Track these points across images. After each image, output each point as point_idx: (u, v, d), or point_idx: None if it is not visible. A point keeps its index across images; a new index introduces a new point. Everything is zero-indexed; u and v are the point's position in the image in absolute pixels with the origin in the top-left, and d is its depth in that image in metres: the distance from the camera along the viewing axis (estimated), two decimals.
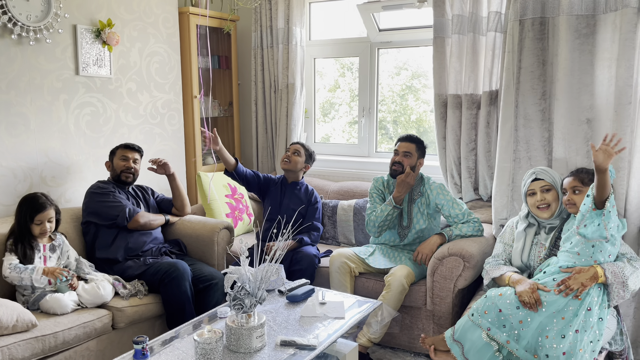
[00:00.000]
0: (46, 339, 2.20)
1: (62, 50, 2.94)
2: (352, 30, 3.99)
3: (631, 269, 2.09)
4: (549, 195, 2.31)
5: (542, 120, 2.70)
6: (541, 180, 2.33)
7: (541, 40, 2.65)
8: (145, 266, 2.72)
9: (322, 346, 2.02)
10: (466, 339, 2.16)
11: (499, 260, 2.43)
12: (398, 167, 2.88)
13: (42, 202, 2.50)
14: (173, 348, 2.01)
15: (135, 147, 2.94)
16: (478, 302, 2.19)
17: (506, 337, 2.06)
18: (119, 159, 2.89)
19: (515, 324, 2.05)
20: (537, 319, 2.02)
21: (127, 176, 2.89)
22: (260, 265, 2.02)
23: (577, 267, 2.08)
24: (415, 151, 2.88)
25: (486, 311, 2.12)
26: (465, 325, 2.18)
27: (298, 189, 3.24)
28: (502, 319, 2.08)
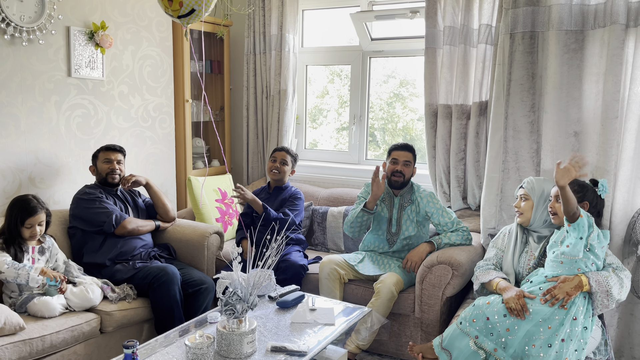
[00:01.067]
0: (34, 342, 2.18)
1: (55, 52, 2.93)
2: (343, 38, 4.03)
3: (616, 279, 2.14)
4: (524, 203, 2.41)
5: (530, 132, 2.76)
6: (522, 189, 2.44)
7: (531, 54, 2.70)
8: (134, 270, 2.71)
9: (312, 352, 2.03)
10: (454, 347, 2.19)
11: (489, 264, 2.46)
12: (399, 177, 2.88)
13: (33, 205, 2.48)
14: (163, 353, 2.00)
15: (116, 148, 2.91)
16: (466, 311, 2.22)
17: (493, 345, 2.09)
18: (102, 162, 2.88)
19: (502, 332, 2.08)
20: (524, 327, 2.06)
21: (112, 178, 2.88)
22: (253, 271, 2.03)
23: (562, 276, 2.13)
24: (413, 159, 2.93)
25: (474, 319, 2.15)
26: (454, 334, 2.21)
27: (283, 193, 3.28)
28: (489, 327, 2.12)
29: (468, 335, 2.15)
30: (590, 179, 2.37)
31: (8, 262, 2.35)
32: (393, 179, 2.90)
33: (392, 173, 2.90)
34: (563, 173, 2.04)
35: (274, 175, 3.25)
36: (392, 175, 2.91)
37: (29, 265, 2.37)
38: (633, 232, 2.47)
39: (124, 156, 2.96)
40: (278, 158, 3.26)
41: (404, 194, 2.96)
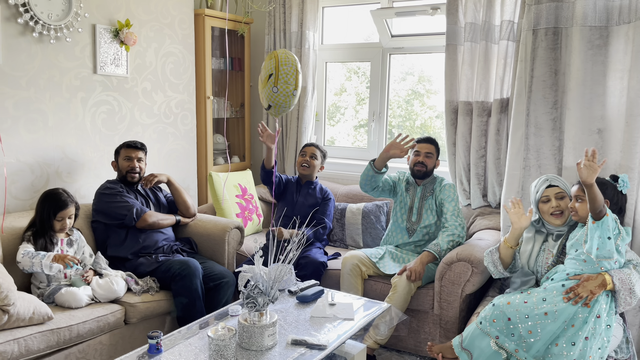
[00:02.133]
0: (61, 332, 2.25)
1: (81, 49, 2.99)
2: (360, 35, 4.03)
3: (637, 276, 2.12)
4: (562, 202, 2.34)
5: (553, 129, 2.73)
6: (556, 187, 2.36)
7: (554, 50, 2.68)
8: (157, 263, 2.76)
9: (332, 346, 2.05)
10: (474, 347, 2.18)
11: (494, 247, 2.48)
12: (421, 168, 2.97)
13: (64, 199, 2.55)
14: (186, 344, 2.04)
15: (137, 145, 2.94)
16: (486, 310, 2.21)
17: (515, 346, 2.08)
18: (123, 159, 2.92)
19: (524, 333, 2.07)
20: (547, 328, 2.04)
21: (132, 176, 2.92)
22: (274, 265, 2.06)
23: (586, 274, 2.11)
24: (435, 152, 3.00)
25: (494, 319, 2.14)
26: (474, 333, 2.20)
27: (312, 188, 3.32)
28: (510, 327, 2.10)
29: (489, 336, 2.14)
30: (611, 175, 2.34)
31: (24, 252, 2.41)
32: (416, 169, 2.99)
33: (415, 164, 2.98)
34: (588, 171, 2.01)
35: (303, 170, 3.30)
36: (415, 166, 2.98)
37: (42, 254, 2.42)
38: None
39: (145, 153, 3.00)
40: (308, 152, 3.31)
41: (426, 184, 3.02)
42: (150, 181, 2.98)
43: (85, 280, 2.51)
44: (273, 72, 2.79)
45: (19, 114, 2.76)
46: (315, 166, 3.31)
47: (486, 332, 2.15)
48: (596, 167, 2.01)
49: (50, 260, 2.40)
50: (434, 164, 3.00)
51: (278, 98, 2.80)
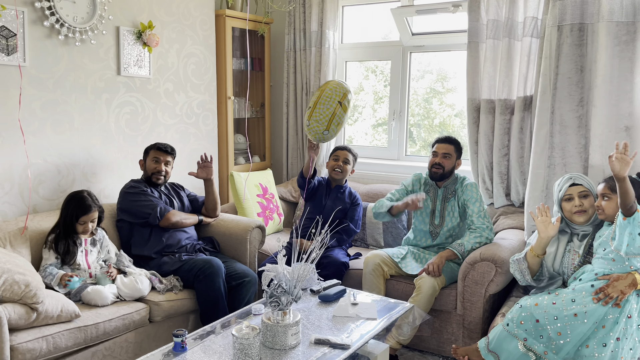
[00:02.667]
0: (88, 329, 2.28)
1: (106, 51, 3.04)
2: (378, 34, 4.01)
3: None
4: (586, 201, 2.31)
5: (578, 126, 2.69)
6: (579, 186, 2.33)
7: (580, 47, 2.63)
8: (181, 262, 2.79)
9: (355, 346, 2.05)
10: (502, 349, 2.15)
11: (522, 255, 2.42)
12: (439, 169, 2.90)
13: (88, 204, 2.58)
14: (210, 342, 2.06)
15: (167, 150, 2.96)
16: (513, 312, 2.17)
17: (544, 348, 2.05)
18: (151, 160, 2.95)
19: (553, 335, 2.04)
20: (578, 329, 2.00)
21: (157, 178, 2.95)
22: (297, 264, 2.06)
23: (615, 274, 2.07)
24: (454, 152, 2.92)
25: (522, 321, 2.11)
26: (501, 336, 2.17)
27: (342, 192, 3.25)
28: (539, 329, 2.07)
29: (516, 338, 2.11)
30: (637, 173, 2.29)
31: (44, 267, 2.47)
32: (432, 171, 2.92)
33: (432, 165, 2.92)
34: (620, 164, 1.97)
35: (336, 175, 3.20)
36: (432, 167, 2.92)
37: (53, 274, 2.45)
38: None
39: (174, 158, 3.01)
40: (341, 157, 3.20)
41: (447, 186, 2.96)
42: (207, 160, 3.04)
43: (110, 277, 2.55)
44: (311, 106, 2.89)
45: (45, 115, 2.82)
46: (347, 171, 3.20)
47: (514, 334, 2.12)
48: (628, 160, 1.98)
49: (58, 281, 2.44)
50: (452, 165, 2.91)
51: (310, 131, 2.92)
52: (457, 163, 2.94)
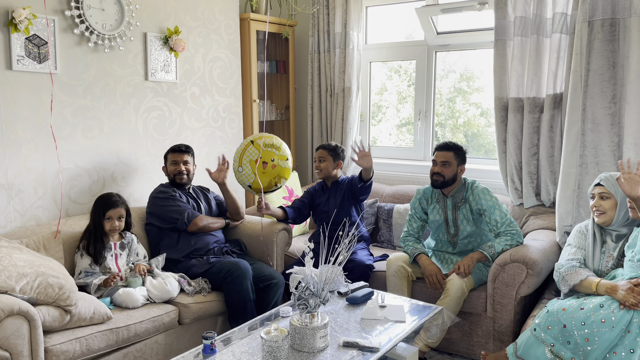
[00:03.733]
0: (120, 331, 2.32)
1: (134, 57, 3.09)
2: (401, 34, 3.98)
3: None
4: (605, 203, 2.27)
5: (611, 124, 2.62)
6: (601, 187, 2.29)
7: (611, 42, 2.57)
8: (209, 265, 2.81)
9: (384, 349, 2.03)
10: (530, 355, 2.11)
11: (574, 263, 2.29)
12: (439, 178, 2.82)
13: (114, 199, 2.66)
14: (239, 344, 2.07)
15: (182, 149, 2.99)
16: (540, 317, 2.12)
17: (571, 354, 2.00)
18: (170, 163, 2.99)
19: (581, 341, 1.98)
20: (605, 336, 1.94)
21: (180, 178, 2.97)
22: (324, 266, 2.06)
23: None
24: (454, 159, 2.82)
25: (549, 326, 2.06)
26: (528, 341, 2.13)
27: (340, 185, 3.20)
28: (566, 335, 2.02)
29: (544, 343, 2.06)
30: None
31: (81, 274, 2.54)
32: (433, 179, 2.85)
33: (432, 174, 2.85)
34: (630, 184, 1.93)
35: (318, 175, 3.22)
36: (433, 176, 2.85)
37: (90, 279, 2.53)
38: None
39: (192, 155, 3.04)
40: (316, 158, 3.23)
41: (455, 194, 2.87)
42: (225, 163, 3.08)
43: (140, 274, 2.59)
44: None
45: (77, 121, 2.88)
46: (327, 167, 3.15)
47: (541, 339, 2.07)
48: (637, 178, 1.92)
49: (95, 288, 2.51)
50: (453, 172, 2.81)
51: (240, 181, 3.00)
52: (460, 169, 2.84)
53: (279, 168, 2.94)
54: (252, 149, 2.95)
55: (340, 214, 3.09)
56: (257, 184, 2.93)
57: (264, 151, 2.92)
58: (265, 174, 2.91)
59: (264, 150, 2.92)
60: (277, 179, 2.95)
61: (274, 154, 2.93)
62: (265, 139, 2.96)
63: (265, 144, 2.95)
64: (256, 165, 2.89)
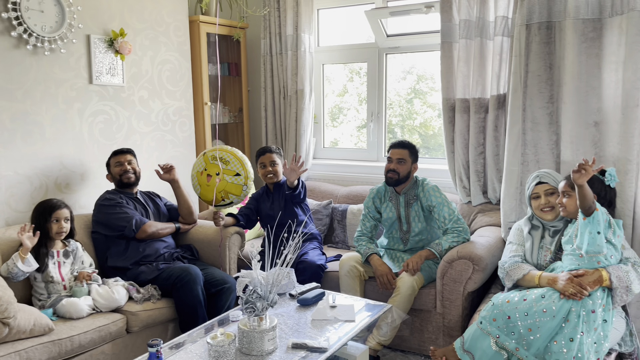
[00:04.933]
0: (62, 343, 2.25)
1: (76, 60, 3.01)
2: (362, 36, 4.03)
3: (635, 274, 2.10)
4: (552, 198, 2.34)
5: (549, 123, 2.72)
6: (545, 184, 2.36)
7: (548, 45, 2.67)
8: (158, 271, 2.76)
9: (332, 349, 2.04)
10: (476, 348, 2.16)
11: (516, 258, 2.36)
12: (393, 175, 2.87)
13: (57, 202, 2.59)
14: (187, 351, 2.04)
15: (123, 150, 2.97)
16: (486, 310, 2.19)
17: (515, 344, 2.06)
18: (114, 166, 2.94)
19: (524, 331, 2.05)
20: (547, 325, 2.02)
21: (128, 177, 2.92)
22: (272, 269, 2.05)
23: (582, 269, 2.10)
24: (409, 157, 2.88)
25: (494, 319, 2.12)
26: (475, 334, 2.18)
27: (282, 187, 3.16)
28: (510, 325, 2.08)
29: (489, 335, 2.12)
30: (600, 170, 2.32)
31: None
32: (388, 176, 2.89)
33: (387, 171, 2.89)
34: (581, 175, 2.01)
35: (270, 180, 3.15)
36: (387, 173, 2.89)
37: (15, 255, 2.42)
38: None
39: (134, 156, 3.01)
40: (267, 162, 3.13)
41: (407, 191, 2.93)
42: (167, 165, 3.03)
43: (85, 278, 2.55)
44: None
45: (15, 126, 2.78)
46: (279, 171, 3.14)
47: (487, 331, 2.13)
48: (591, 172, 2.01)
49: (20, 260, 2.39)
50: (407, 169, 2.86)
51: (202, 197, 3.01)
52: (413, 167, 2.90)
53: (224, 183, 2.89)
54: (201, 160, 2.96)
55: (286, 216, 3.06)
56: (204, 196, 2.92)
57: (210, 164, 2.91)
58: (209, 186, 2.89)
59: (211, 163, 2.91)
60: (224, 194, 2.90)
61: (220, 167, 2.90)
62: (218, 152, 2.94)
63: (213, 156, 2.93)
64: (200, 176, 2.89)
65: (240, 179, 2.94)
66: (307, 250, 3.05)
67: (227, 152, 2.98)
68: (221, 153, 2.95)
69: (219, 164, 2.90)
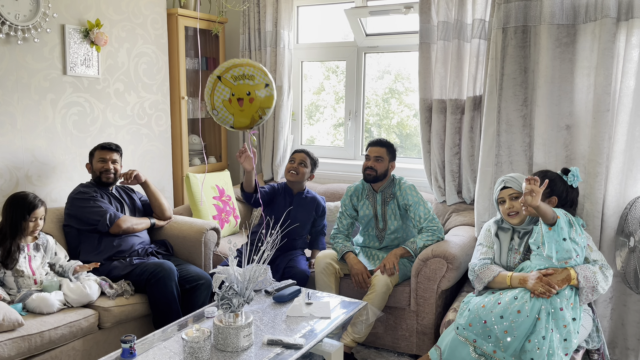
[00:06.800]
0: (32, 338, 2.20)
1: (50, 50, 2.94)
2: (338, 34, 4.04)
3: (602, 276, 2.16)
4: (516, 202, 2.33)
5: (523, 125, 2.78)
6: (509, 189, 2.36)
7: (523, 48, 2.72)
8: (132, 266, 2.72)
9: (308, 345, 2.05)
10: (455, 357, 2.17)
11: (485, 260, 2.40)
12: (371, 172, 2.90)
13: (36, 200, 2.51)
14: (161, 347, 2.03)
15: (112, 147, 2.90)
16: (462, 317, 2.20)
17: (492, 347, 2.09)
18: (97, 161, 2.88)
19: (500, 334, 2.08)
20: (522, 326, 2.05)
21: (107, 177, 2.87)
22: (248, 266, 2.05)
23: (551, 268, 2.15)
24: (387, 155, 2.91)
25: (470, 324, 2.15)
26: (453, 343, 2.19)
27: (304, 199, 3.16)
28: (487, 329, 2.10)
29: (467, 341, 2.14)
30: (562, 168, 2.37)
31: None
32: (366, 174, 2.92)
33: (365, 168, 2.92)
34: (532, 198, 2.03)
35: (291, 177, 3.10)
36: (365, 170, 2.92)
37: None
38: (625, 224, 2.49)
39: (120, 155, 2.96)
40: (297, 159, 3.12)
41: (384, 189, 2.96)
42: (130, 175, 2.94)
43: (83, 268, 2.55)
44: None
45: None
46: (304, 174, 3.10)
47: (464, 336, 2.15)
48: (538, 189, 2.04)
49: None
50: (385, 167, 2.89)
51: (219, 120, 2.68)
52: (390, 165, 2.93)
53: (259, 100, 2.54)
54: (222, 86, 2.53)
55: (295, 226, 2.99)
56: (240, 124, 2.57)
57: (235, 86, 2.50)
58: (244, 111, 2.53)
59: (235, 85, 2.50)
60: (261, 112, 2.58)
61: (249, 85, 2.51)
62: (234, 71, 2.53)
63: (234, 76, 2.52)
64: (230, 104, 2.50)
65: (269, 89, 2.61)
66: (297, 257, 3.02)
67: (245, 66, 2.59)
68: (241, 69, 2.56)
69: (247, 82, 2.53)
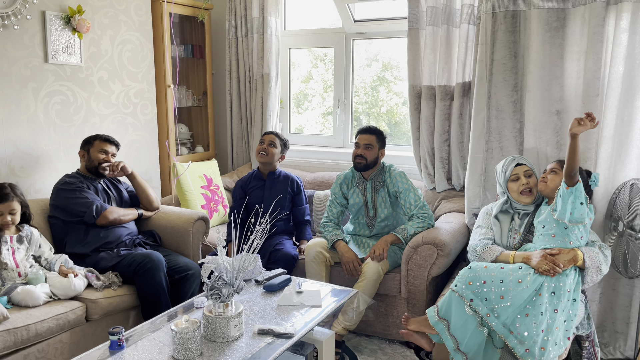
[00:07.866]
0: (18, 332, 2.16)
1: (31, 37, 2.86)
2: (326, 21, 3.99)
3: (602, 257, 2.18)
4: (531, 180, 2.39)
5: (513, 111, 2.77)
6: (524, 166, 2.40)
7: (513, 33, 2.70)
8: (119, 257, 2.68)
9: (299, 334, 2.04)
10: (451, 313, 2.16)
11: (486, 241, 2.39)
12: (361, 160, 2.88)
13: (6, 192, 2.43)
14: (150, 338, 2.00)
15: (115, 142, 2.89)
16: (463, 273, 2.19)
17: (487, 310, 2.08)
18: (98, 151, 2.82)
19: (496, 298, 2.07)
20: (518, 295, 2.05)
21: (104, 169, 2.83)
22: (238, 255, 2.02)
23: (557, 248, 2.16)
24: (376, 142, 2.89)
25: (470, 282, 2.14)
26: (449, 300, 2.18)
27: (276, 178, 3.22)
28: (484, 290, 2.10)
29: (463, 299, 2.13)
30: (585, 170, 2.39)
31: None
32: (356, 162, 2.90)
33: (355, 156, 2.90)
34: (580, 126, 2.06)
35: (261, 158, 3.16)
36: (355, 158, 2.90)
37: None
38: (614, 209, 2.50)
39: (117, 151, 2.93)
40: (266, 140, 3.17)
41: (374, 177, 2.94)
42: (116, 167, 2.88)
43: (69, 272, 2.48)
44: None
45: None
46: (274, 154, 3.15)
47: (461, 294, 2.13)
48: (589, 126, 2.07)
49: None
50: (375, 155, 2.87)
51: None
52: (380, 153, 2.91)
53: None
54: None
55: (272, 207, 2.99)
56: None
57: None
58: None
59: None
60: None
61: None
62: None
63: None
64: None
65: None
66: (283, 241, 3.03)
67: None
68: None
69: None
